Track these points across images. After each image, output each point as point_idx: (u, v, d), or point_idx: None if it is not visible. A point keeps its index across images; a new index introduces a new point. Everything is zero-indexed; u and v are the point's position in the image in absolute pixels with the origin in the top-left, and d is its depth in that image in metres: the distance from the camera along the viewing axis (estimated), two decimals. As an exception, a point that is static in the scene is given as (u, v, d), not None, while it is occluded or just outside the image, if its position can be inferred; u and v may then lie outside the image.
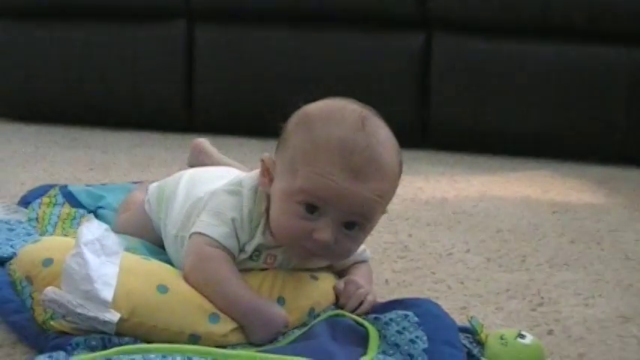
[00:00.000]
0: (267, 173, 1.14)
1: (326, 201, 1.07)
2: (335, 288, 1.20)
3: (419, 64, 2.68)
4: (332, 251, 1.11)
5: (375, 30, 2.70)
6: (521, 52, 2.63)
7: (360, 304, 1.17)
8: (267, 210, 1.15)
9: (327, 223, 1.08)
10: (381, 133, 1.11)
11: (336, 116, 1.10)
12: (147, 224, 1.38)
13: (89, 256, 1.01)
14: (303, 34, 2.73)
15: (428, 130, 2.71)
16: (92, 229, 1.06)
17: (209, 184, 1.25)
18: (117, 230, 1.41)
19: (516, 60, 2.63)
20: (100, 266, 1.01)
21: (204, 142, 1.74)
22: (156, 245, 1.35)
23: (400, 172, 1.14)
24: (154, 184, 1.44)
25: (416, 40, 2.68)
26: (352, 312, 1.15)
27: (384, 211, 1.15)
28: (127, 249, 1.17)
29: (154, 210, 1.37)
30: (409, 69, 2.69)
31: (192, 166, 1.65)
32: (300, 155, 1.09)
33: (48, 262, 1.06)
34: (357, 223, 1.10)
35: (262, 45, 2.74)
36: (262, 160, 1.15)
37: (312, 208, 1.08)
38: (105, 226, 1.08)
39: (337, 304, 1.19)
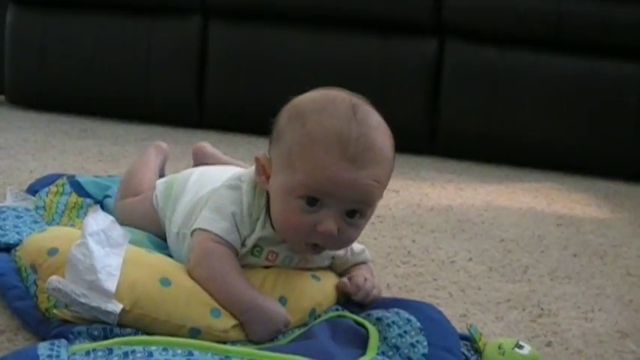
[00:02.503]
0: (264, 171, 1.15)
1: (327, 193, 1.08)
2: (340, 283, 1.21)
3: (431, 70, 2.69)
4: (336, 241, 1.12)
5: (388, 35, 2.70)
6: (533, 62, 2.64)
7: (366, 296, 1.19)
8: (267, 204, 1.16)
9: (329, 214, 1.09)
10: (373, 119, 1.11)
11: (328, 107, 1.10)
12: (153, 218, 1.38)
13: (94, 246, 1.02)
14: (317, 35, 2.74)
15: (437, 137, 2.71)
16: (98, 220, 1.06)
17: (216, 183, 1.25)
18: (119, 215, 1.42)
19: (528, 70, 2.63)
20: (104, 257, 1.02)
21: (206, 146, 1.75)
22: (161, 239, 1.35)
23: (394, 154, 1.14)
24: (162, 180, 1.44)
25: (429, 46, 2.69)
26: (359, 302, 1.18)
27: (381, 196, 1.16)
28: (132, 242, 1.17)
29: (161, 206, 1.37)
30: (421, 75, 2.69)
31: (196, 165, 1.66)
32: (296, 150, 1.09)
33: (53, 251, 1.06)
34: (357, 210, 1.11)
35: (275, 44, 2.75)
36: (257, 159, 1.16)
37: (313, 201, 1.09)
38: (111, 217, 1.08)
39: (343, 302, 1.20)
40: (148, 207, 1.41)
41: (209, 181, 1.30)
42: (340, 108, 1.10)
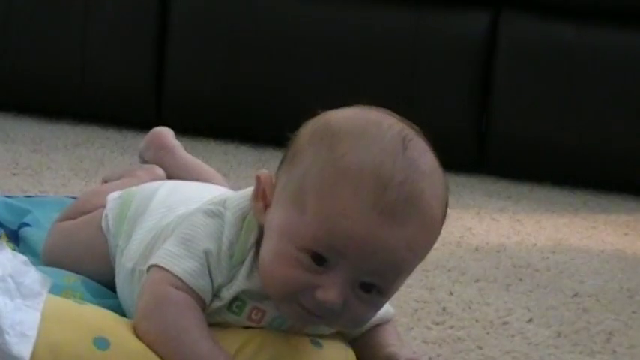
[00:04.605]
0: (263, 197, 1.14)
1: (339, 251, 1.06)
2: None
3: (480, 53, 2.69)
4: (338, 317, 1.10)
5: (424, 6, 2.70)
6: (623, 45, 2.63)
7: None
8: (258, 243, 1.15)
9: (335, 280, 1.07)
10: (427, 162, 1.10)
11: (370, 132, 1.09)
12: (100, 247, 1.38)
13: (-2, 298, 1.02)
14: (329, 4, 2.74)
15: (486, 147, 2.71)
16: (3, 261, 1.06)
17: (192, 205, 1.24)
18: (52, 243, 1.41)
19: (613, 57, 2.63)
20: (13, 312, 1.01)
21: (166, 134, 1.76)
22: (105, 283, 1.35)
23: (444, 218, 1.14)
24: (116, 195, 1.42)
25: (477, 21, 2.70)
26: None
27: (410, 271, 1.15)
28: (58, 288, 1.17)
29: (112, 232, 1.37)
30: (467, 60, 2.70)
31: (145, 161, 1.67)
32: (313, 181, 1.08)
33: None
34: (376, 285, 1.10)
35: (266, 16, 2.74)
36: (258, 178, 1.15)
37: (319, 259, 1.07)
38: (23, 257, 1.08)
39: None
40: (93, 232, 1.40)
41: (182, 200, 1.30)
42: (386, 136, 1.09)
